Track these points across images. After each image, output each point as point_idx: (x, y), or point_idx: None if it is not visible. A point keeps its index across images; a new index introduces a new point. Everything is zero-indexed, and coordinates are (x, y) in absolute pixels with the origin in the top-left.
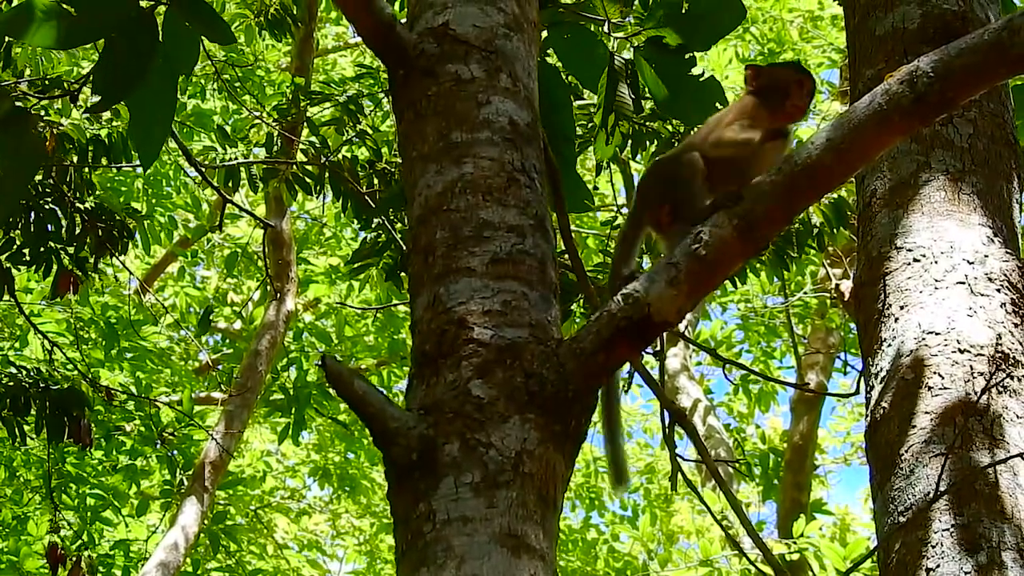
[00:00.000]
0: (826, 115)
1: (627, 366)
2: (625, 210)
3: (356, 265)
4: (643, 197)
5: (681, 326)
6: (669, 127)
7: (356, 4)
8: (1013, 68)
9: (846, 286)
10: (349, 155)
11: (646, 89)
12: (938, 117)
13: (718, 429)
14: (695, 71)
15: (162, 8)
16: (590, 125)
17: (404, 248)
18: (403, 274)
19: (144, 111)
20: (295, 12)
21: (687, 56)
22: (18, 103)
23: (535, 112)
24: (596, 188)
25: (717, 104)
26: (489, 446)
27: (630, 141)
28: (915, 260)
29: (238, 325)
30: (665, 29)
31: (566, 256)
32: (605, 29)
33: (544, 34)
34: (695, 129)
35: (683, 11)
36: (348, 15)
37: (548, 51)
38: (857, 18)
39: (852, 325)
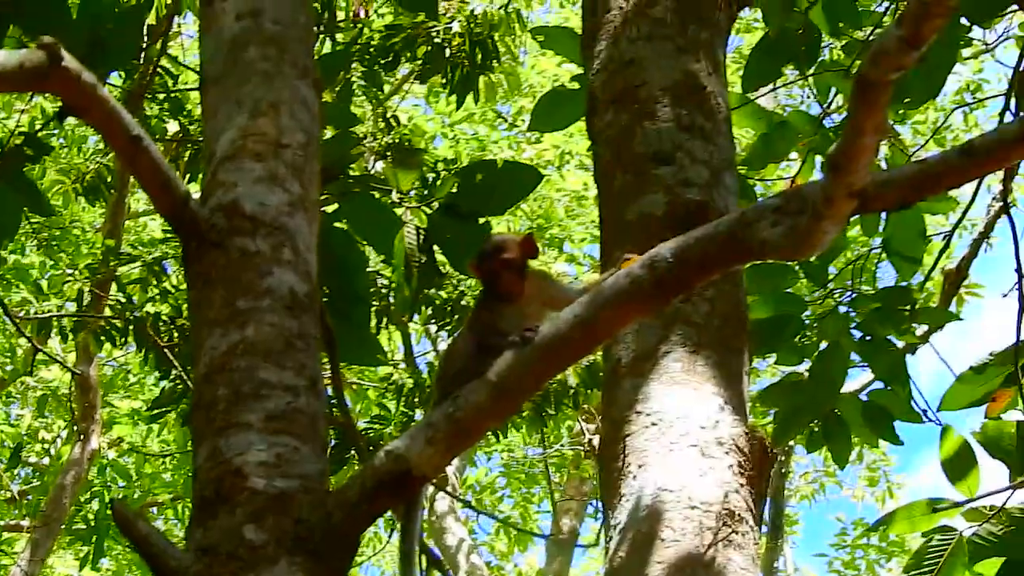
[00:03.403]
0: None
1: None
2: (403, 365)
3: (155, 412)
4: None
5: (449, 470)
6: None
7: (155, 182)
8: (743, 256)
9: (598, 440)
10: (152, 311)
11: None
12: (676, 298)
13: (480, 567)
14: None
15: None
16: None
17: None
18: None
19: None
20: (109, 180)
21: (481, 222)
22: None
23: (313, 283)
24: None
25: None
26: None
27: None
28: (653, 424)
29: (46, 460)
30: (458, 198)
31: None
32: (395, 198)
33: (335, 206)
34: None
35: (476, 180)
36: (148, 191)
37: (342, 219)
38: (610, 205)
39: None
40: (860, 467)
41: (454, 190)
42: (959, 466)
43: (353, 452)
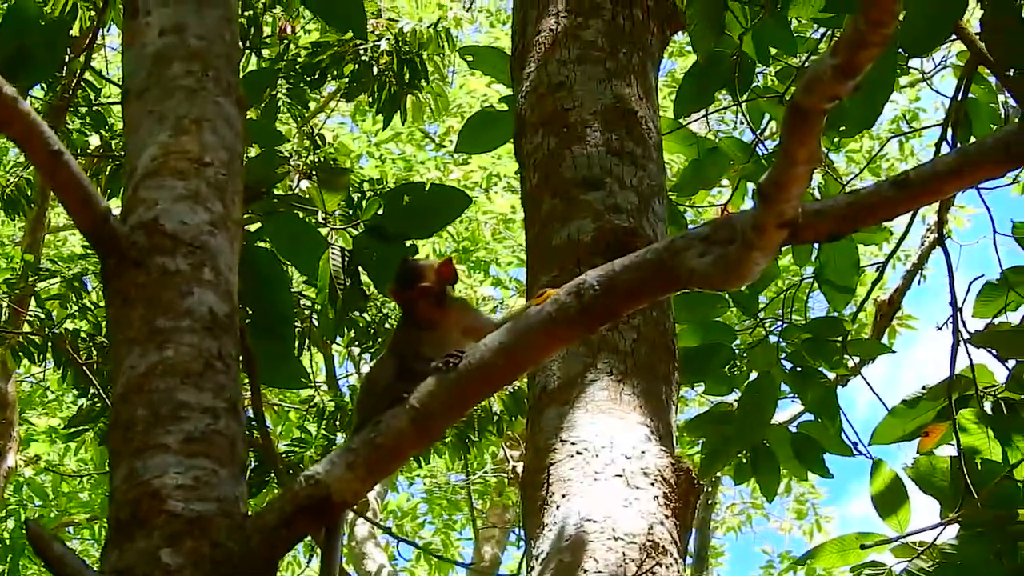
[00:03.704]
0: (512, 310)
1: None
2: (325, 387)
3: (73, 430)
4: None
5: (370, 495)
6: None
7: (75, 197)
8: (671, 285)
9: (522, 468)
10: (72, 328)
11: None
12: (602, 326)
13: None
14: (419, 257)
15: None
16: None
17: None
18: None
19: None
20: (29, 194)
21: (408, 243)
22: None
23: (234, 304)
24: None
25: None
26: None
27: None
28: (578, 453)
29: None
30: (384, 219)
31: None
32: (322, 219)
33: (258, 225)
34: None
35: (404, 202)
36: (67, 207)
37: (265, 239)
38: (537, 229)
39: None
40: (788, 499)
41: (380, 211)
42: (890, 501)
43: (272, 475)
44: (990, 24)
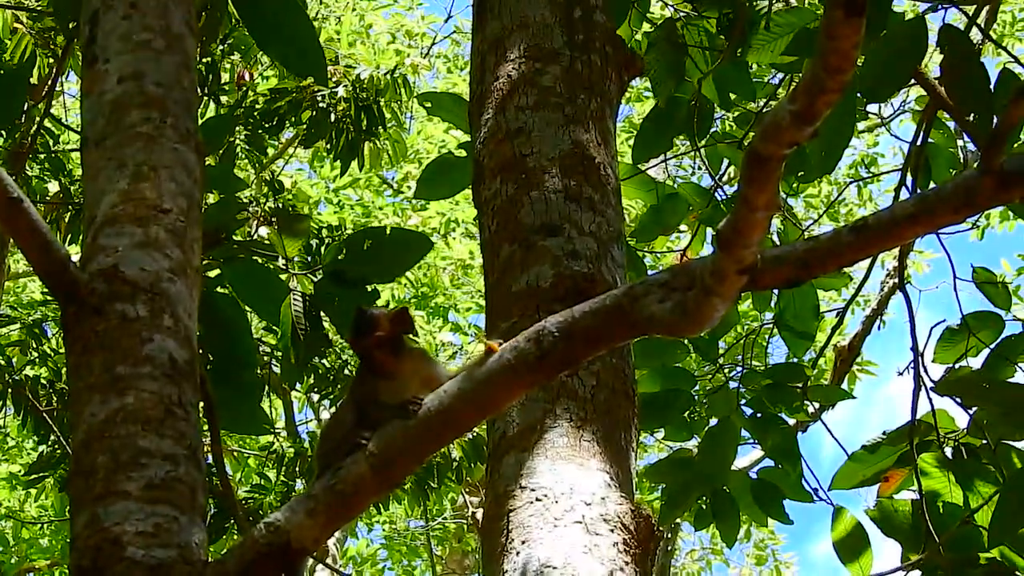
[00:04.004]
0: (471, 355)
1: None
2: (284, 433)
3: (33, 476)
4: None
5: (330, 541)
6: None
7: (34, 244)
8: (631, 331)
9: (481, 514)
10: (31, 374)
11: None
12: (562, 373)
13: None
14: (381, 302)
15: None
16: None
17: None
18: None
19: None
20: None
21: (369, 288)
22: None
23: (194, 350)
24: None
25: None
26: None
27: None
28: (537, 499)
29: None
30: (345, 264)
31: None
32: (282, 264)
33: (217, 271)
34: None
35: (364, 246)
36: (26, 254)
37: (225, 285)
38: (496, 275)
39: None
40: (748, 545)
41: (341, 256)
42: (851, 547)
43: (232, 522)
44: (949, 69)
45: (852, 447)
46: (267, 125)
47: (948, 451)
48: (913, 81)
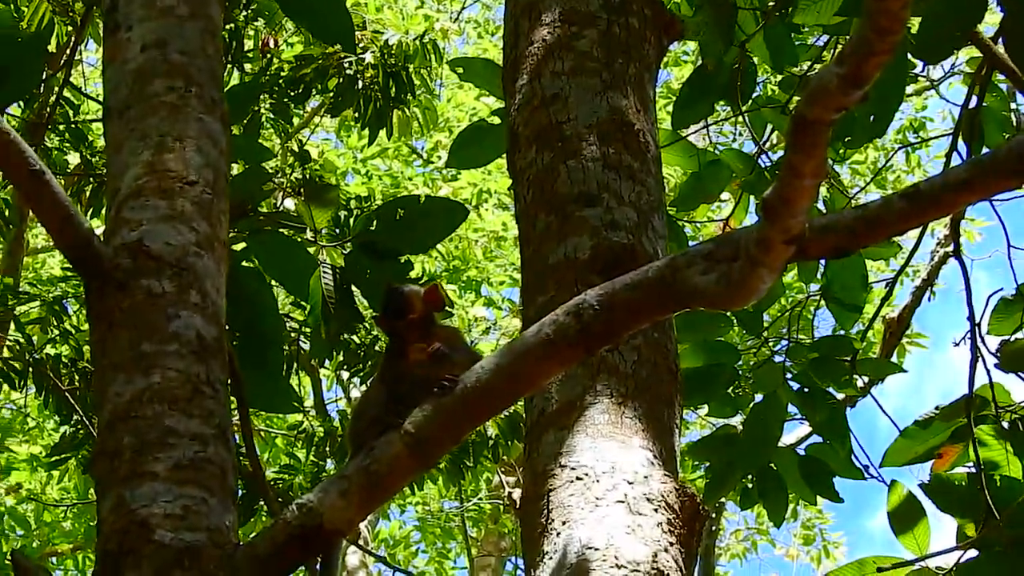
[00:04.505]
0: (505, 330)
1: None
2: (313, 412)
3: (55, 458)
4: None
5: (362, 524)
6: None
7: (56, 219)
8: (674, 305)
9: (518, 494)
10: (53, 353)
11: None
12: (602, 348)
13: None
14: (413, 274)
15: None
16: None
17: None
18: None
19: None
20: (7, 214)
21: (403, 260)
22: None
23: (222, 327)
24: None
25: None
26: None
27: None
28: (578, 478)
29: None
30: (377, 235)
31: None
32: (311, 237)
33: (243, 244)
34: None
35: (396, 217)
36: (48, 228)
37: (251, 258)
38: (532, 247)
39: None
40: (795, 525)
41: (372, 227)
42: (906, 518)
43: (262, 503)
44: (1011, 28)
45: (907, 420)
46: (293, 93)
47: (1005, 424)
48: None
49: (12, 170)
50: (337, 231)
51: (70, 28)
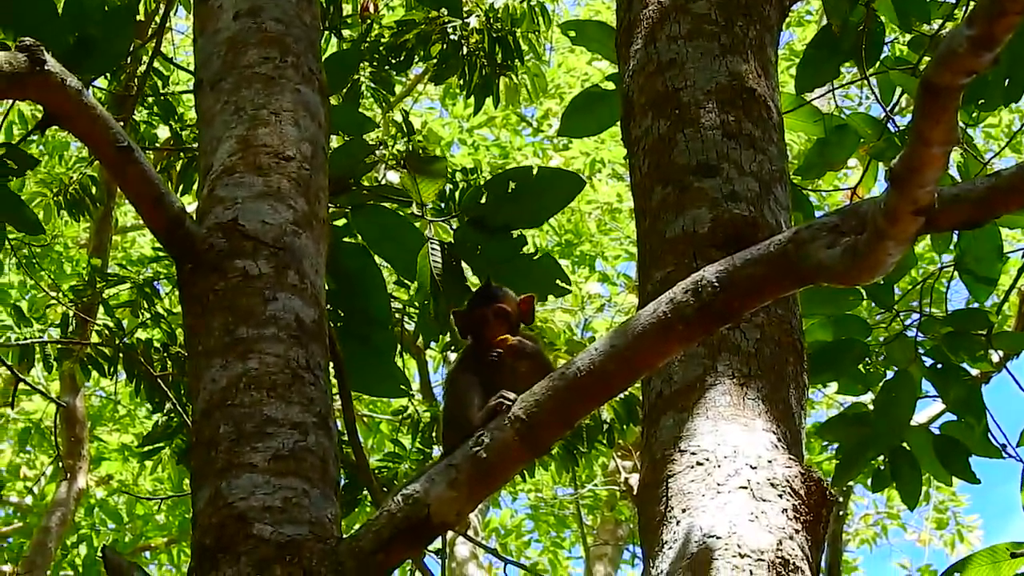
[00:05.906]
0: (621, 307)
1: None
2: (418, 396)
3: (148, 448)
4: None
5: (472, 516)
6: None
7: (146, 197)
8: (797, 281)
9: (635, 480)
10: (144, 337)
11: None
12: (722, 327)
13: None
14: (527, 249)
15: None
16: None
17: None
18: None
19: None
20: (94, 192)
21: (515, 235)
22: None
23: (322, 309)
24: None
25: (557, 281)
26: None
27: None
28: (698, 464)
29: (29, 500)
30: (487, 209)
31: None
32: (417, 211)
33: (344, 220)
34: None
35: (507, 190)
36: (138, 207)
37: (354, 234)
38: (648, 220)
39: None
40: (927, 508)
41: (482, 201)
42: None
43: (366, 493)
44: None
45: None
46: (394, 61)
47: None
48: None
49: (99, 147)
50: (444, 205)
51: None
